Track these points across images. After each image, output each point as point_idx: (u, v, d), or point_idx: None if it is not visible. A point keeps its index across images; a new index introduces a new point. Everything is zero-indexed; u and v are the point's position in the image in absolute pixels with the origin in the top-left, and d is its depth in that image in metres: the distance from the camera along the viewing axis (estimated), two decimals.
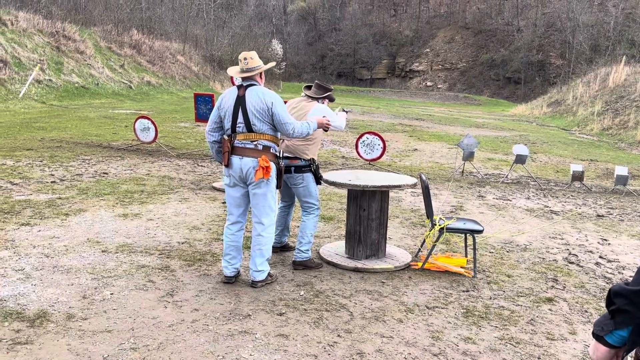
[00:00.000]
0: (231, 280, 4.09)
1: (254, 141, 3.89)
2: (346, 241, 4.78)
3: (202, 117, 10.20)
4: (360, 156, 9.60)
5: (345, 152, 11.72)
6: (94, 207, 5.95)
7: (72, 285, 3.82)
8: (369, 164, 9.72)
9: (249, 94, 3.88)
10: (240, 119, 3.88)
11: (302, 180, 4.36)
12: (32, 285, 3.78)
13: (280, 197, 4.78)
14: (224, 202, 3.92)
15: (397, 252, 4.96)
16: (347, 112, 4.95)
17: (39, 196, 6.27)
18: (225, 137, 3.97)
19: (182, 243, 4.93)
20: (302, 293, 3.95)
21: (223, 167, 4.02)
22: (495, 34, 62.53)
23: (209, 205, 6.28)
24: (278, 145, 4.05)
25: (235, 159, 3.90)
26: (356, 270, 4.48)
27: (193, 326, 3.34)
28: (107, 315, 3.40)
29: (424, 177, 4.65)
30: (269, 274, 4.13)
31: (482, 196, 7.94)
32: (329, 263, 4.61)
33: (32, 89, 19.35)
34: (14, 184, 6.79)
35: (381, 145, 9.38)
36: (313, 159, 4.39)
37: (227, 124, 3.95)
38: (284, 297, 3.86)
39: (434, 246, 4.60)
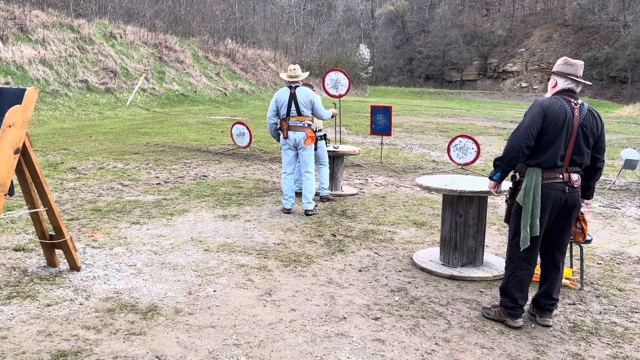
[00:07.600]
0: (290, 211, 6.18)
1: (302, 122, 6.03)
2: (441, 248, 4.68)
3: (379, 131, 10.17)
4: (453, 160, 9.36)
5: (436, 156, 11.48)
6: (196, 207, 6.28)
7: (179, 281, 4.06)
8: (462, 168, 9.45)
9: (298, 92, 6.03)
10: (293, 107, 5.99)
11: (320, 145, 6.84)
12: (143, 280, 4.06)
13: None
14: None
15: (496, 260, 4.77)
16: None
17: (147, 197, 6.72)
18: (281, 119, 6.06)
19: (278, 244, 5.07)
20: (396, 299, 3.92)
21: (281, 138, 6.10)
22: (598, 30, 58.54)
23: (302, 207, 6.41)
24: (313, 123, 6.21)
25: (290, 133, 6.04)
26: (452, 278, 4.37)
27: (291, 326, 3.42)
28: (210, 312, 3.57)
29: None
30: (315, 206, 6.25)
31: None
32: (423, 270, 4.53)
33: (138, 97, 20.85)
34: (125, 185, 7.34)
35: (475, 149, 9.09)
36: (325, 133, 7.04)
37: (283, 111, 6.03)
38: (379, 302, 3.84)
39: None
